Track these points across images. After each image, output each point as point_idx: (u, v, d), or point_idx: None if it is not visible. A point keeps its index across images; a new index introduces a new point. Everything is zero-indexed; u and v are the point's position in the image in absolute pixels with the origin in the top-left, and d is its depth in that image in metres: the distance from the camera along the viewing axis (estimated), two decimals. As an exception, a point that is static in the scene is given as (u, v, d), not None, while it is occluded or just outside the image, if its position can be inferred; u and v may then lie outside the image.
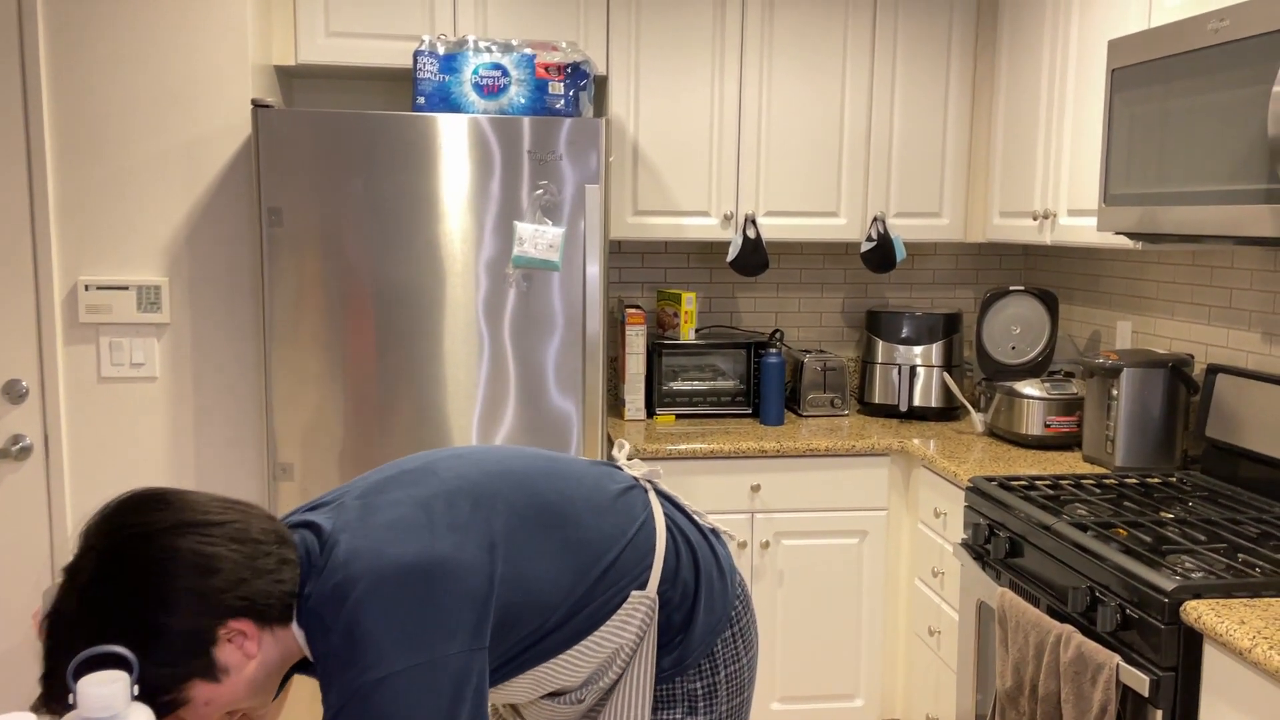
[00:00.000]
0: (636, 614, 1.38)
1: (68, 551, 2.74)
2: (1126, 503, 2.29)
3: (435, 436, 2.71)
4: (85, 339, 2.70)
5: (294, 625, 1.21)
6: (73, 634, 1.11)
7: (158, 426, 2.76)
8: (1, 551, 2.72)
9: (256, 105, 2.56)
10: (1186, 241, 2.28)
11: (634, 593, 1.37)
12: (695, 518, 1.54)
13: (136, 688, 1.00)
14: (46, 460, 2.71)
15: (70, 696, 0.97)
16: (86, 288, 2.68)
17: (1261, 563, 1.88)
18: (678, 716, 1.44)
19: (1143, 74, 2.22)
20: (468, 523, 1.27)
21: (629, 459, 1.55)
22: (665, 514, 1.48)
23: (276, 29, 2.92)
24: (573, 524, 1.35)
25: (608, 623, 1.35)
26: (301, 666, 1.32)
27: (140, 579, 1.11)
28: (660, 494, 1.52)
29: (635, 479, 1.50)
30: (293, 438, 2.67)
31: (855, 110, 3.18)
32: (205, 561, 1.14)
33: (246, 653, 1.17)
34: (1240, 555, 1.92)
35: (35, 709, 1.09)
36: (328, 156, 2.60)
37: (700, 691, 1.44)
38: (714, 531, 1.55)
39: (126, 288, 2.70)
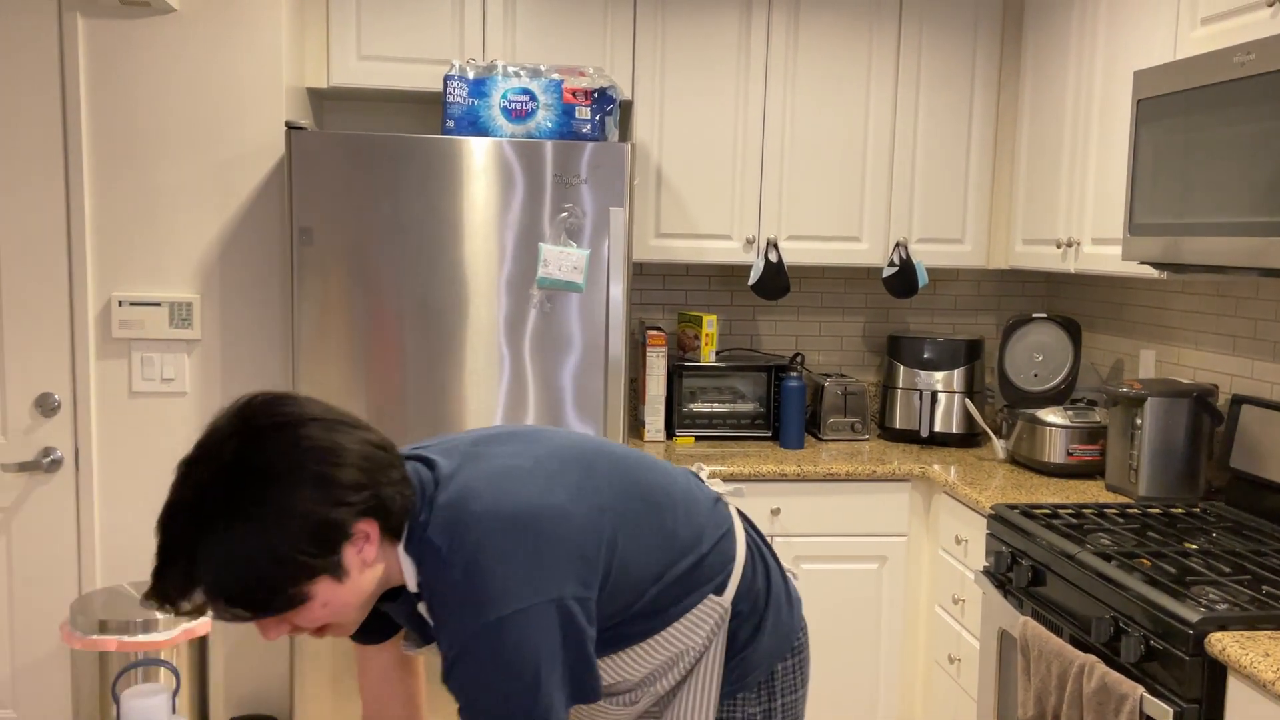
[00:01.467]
0: (709, 618, 1.40)
1: (96, 563, 2.77)
2: (1150, 533, 2.29)
3: (459, 455, 2.73)
4: (117, 354, 2.74)
5: (401, 549, 1.22)
6: (214, 515, 1.09)
7: (187, 441, 2.79)
8: (30, 563, 2.75)
9: (290, 127, 2.61)
10: (1211, 272, 2.29)
11: (711, 596, 1.39)
12: (771, 545, 1.58)
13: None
14: (77, 473, 2.75)
15: (193, 592, 1.00)
16: (120, 303, 2.72)
17: (1286, 595, 1.87)
18: None
19: (1168, 105, 2.23)
20: (580, 485, 1.29)
21: (708, 477, 1.58)
22: (746, 531, 1.53)
23: (309, 52, 2.97)
24: (669, 514, 1.38)
25: (680, 621, 1.37)
26: (386, 598, 1.32)
27: (285, 462, 1.11)
28: (740, 514, 1.56)
29: (718, 495, 1.54)
30: (318, 454, 2.69)
31: (879, 136, 3.20)
32: (343, 456, 1.14)
33: (365, 558, 1.17)
34: (1265, 587, 1.92)
35: (146, 602, 1.10)
36: (358, 177, 2.64)
37: (759, 717, 1.46)
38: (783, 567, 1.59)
39: (159, 304, 2.74)
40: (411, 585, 1.23)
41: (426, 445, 1.35)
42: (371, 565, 1.19)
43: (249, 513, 1.09)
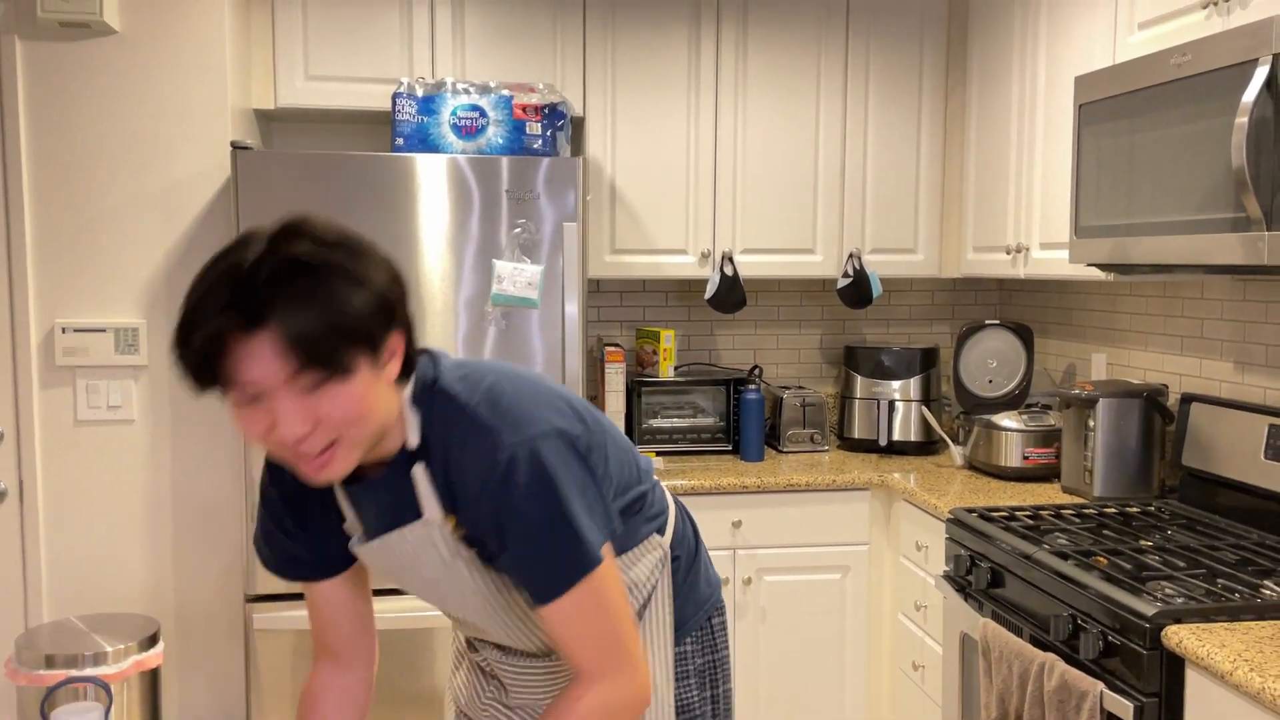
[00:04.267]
0: (652, 554, 1.45)
1: (43, 597, 2.70)
2: (1106, 531, 2.30)
3: (415, 476, 2.70)
4: (62, 382, 2.68)
5: (407, 401, 1.22)
6: (308, 258, 1.06)
7: (135, 469, 2.73)
8: (-27, 599, 2.67)
9: (236, 147, 2.58)
10: (1157, 272, 2.32)
11: (654, 535, 1.46)
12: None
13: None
14: (21, 505, 2.67)
15: (252, 333, 1.02)
16: (64, 330, 2.66)
17: (1240, 587, 1.89)
18: (694, 691, 1.51)
19: (1110, 108, 2.27)
20: (552, 391, 1.32)
21: None
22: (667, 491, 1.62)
23: (256, 72, 2.94)
24: (624, 442, 1.44)
25: (629, 551, 1.42)
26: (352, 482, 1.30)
27: (355, 243, 1.12)
28: None
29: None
30: (271, 479, 2.64)
31: (829, 149, 3.23)
32: (393, 270, 1.17)
33: (390, 372, 1.16)
34: (1219, 580, 1.93)
35: (185, 353, 1.06)
36: (307, 198, 2.61)
37: (705, 668, 1.53)
38: None
39: (104, 330, 2.68)
40: (413, 440, 1.22)
41: None
42: (390, 385, 1.17)
43: (333, 262, 1.07)
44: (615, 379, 3.19)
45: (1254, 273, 2.17)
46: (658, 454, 3.26)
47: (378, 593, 2.67)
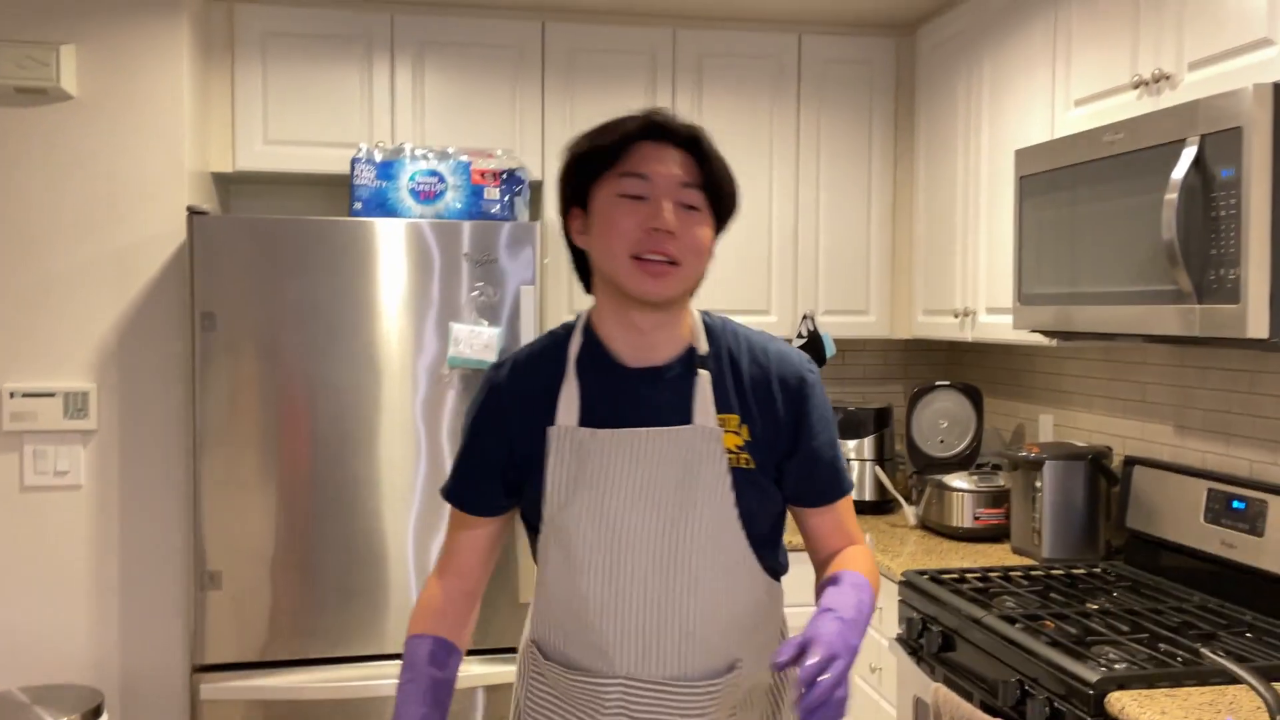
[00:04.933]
0: (780, 596, 1.66)
1: (-18, 668, 2.64)
2: (1053, 594, 2.34)
3: (370, 541, 2.68)
4: (8, 448, 2.65)
5: (698, 321, 1.54)
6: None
7: (81, 536, 2.69)
8: (-89, 670, 2.61)
9: (192, 212, 2.58)
10: (1099, 339, 2.38)
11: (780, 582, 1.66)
12: None
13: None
14: (-37, 573, 2.62)
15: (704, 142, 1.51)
16: (11, 395, 2.63)
17: (1182, 652, 1.92)
18: None
19: (1048, 181, 2.35)
20: None
21: None
22: None
23: (214, 136, 2.96)
24: None
25: (769, 577, 1.59)
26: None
27: None
28: None
29: None
30: (222, 545, 2.62)
31: (782, 213, 3.29)
32: None
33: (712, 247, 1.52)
34: (1161, 645, 1.97)
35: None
36: (264, 262, 2.61)
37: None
38: None
39: (53, 394, 2.66)
40: (703, 345, 1.49)
41: None
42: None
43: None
44: (572, 439, 3.19)
45: (1189, 343, 2.24)
46: (614, 515, 3.26)
47: (335, 661, 2.65)
